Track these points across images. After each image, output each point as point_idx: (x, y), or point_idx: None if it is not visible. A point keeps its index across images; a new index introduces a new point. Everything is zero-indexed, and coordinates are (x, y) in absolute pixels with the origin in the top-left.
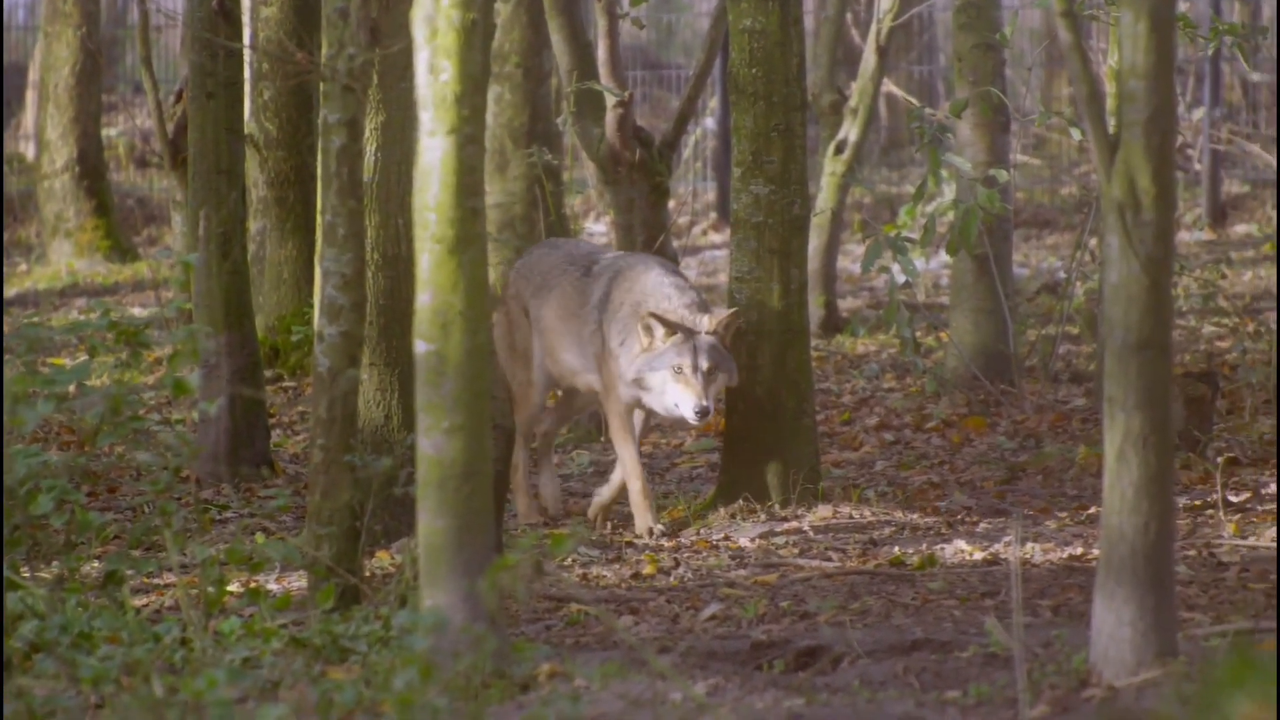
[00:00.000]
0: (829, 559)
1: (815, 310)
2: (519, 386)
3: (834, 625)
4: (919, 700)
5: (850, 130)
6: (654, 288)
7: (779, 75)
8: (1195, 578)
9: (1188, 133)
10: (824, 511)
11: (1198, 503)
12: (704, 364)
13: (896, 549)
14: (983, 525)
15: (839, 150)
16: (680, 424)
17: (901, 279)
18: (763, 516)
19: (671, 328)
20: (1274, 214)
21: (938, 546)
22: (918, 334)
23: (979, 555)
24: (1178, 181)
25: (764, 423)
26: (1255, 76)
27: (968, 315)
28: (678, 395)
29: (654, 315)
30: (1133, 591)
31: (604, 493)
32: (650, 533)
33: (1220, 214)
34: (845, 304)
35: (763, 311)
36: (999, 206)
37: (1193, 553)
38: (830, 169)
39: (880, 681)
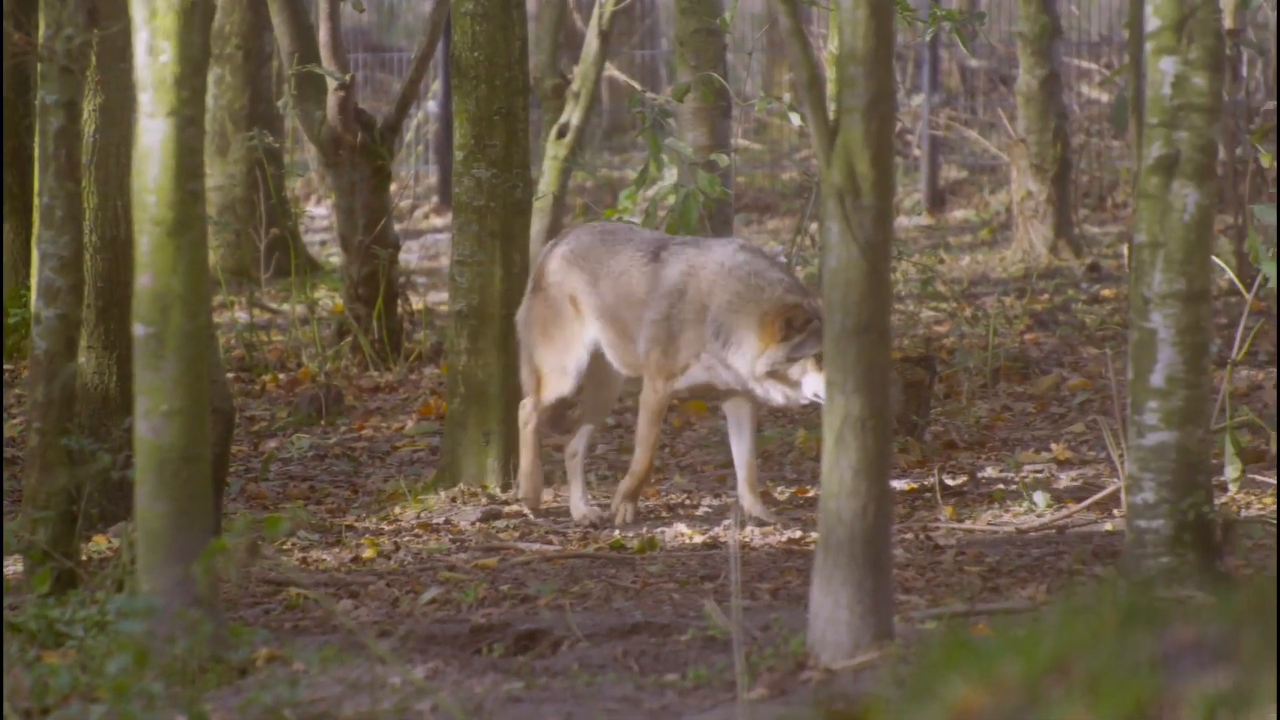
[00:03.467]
0: (550, 542)
1: None
2: (549, 371)
3: (554, 609)
4: (638, 683)
5: (572, 114)
6: (749, 276)
7: (501, 59)
8: (912, 561)
9: (907, 118)
10: (545, 495)
11: (915, 486)
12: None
13: (617, 533)
14: (703, 509)
15: (561, 134)
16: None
17: None
18: (484, 500)
19: (805, 320)
20: (990, 199)
21: (658, 530)
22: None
23: (699, 539)
24: (897, 167)
25: (485, 406)
26: (973, 63)
27: None
28: (818, 384)
29: (796, 308)
30: (850, 574)
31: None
32: (606, 522)
33: (939, 199)
34: None
35: (484, 295)
36: (719, 191)
37: (910, 536)
38: (552, 153)
39: (600, 665)
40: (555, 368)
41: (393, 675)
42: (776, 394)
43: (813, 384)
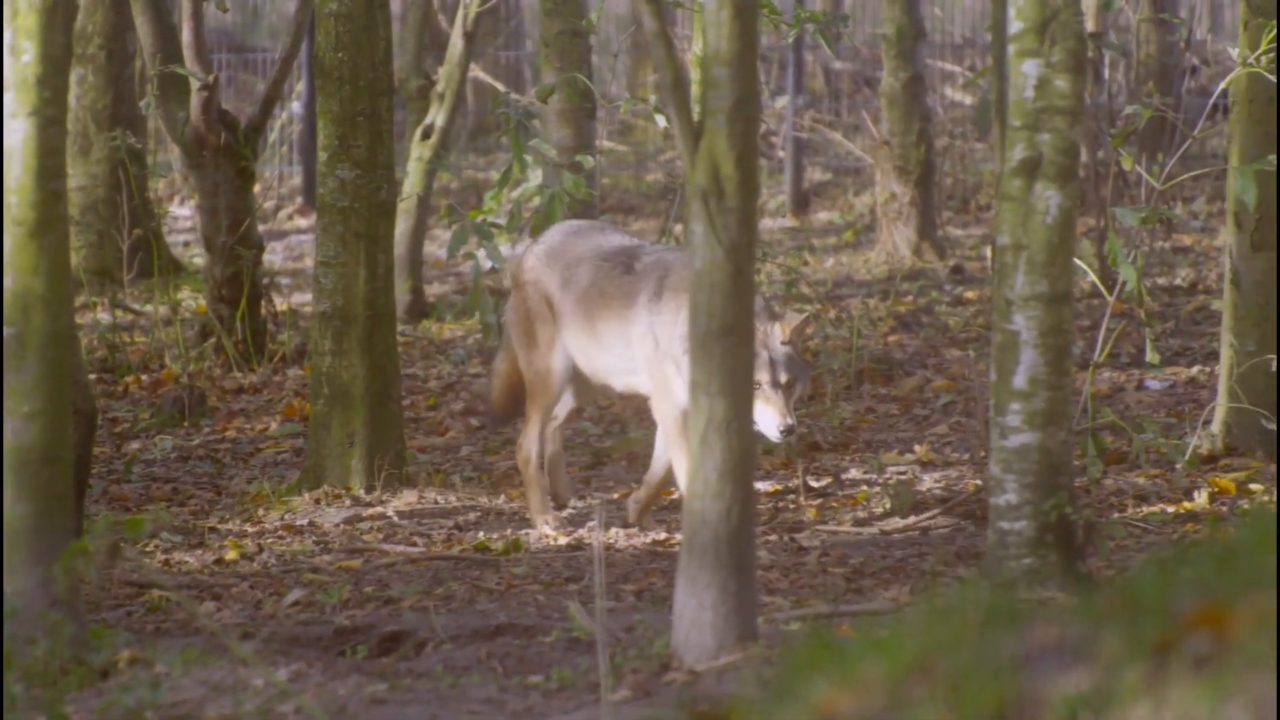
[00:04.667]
0: (414, 544)
1: (402, 295)
2: (535, 375)
3: (418, 610)
4: (502, 685)
5: (437, 115)
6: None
7: (365, 59)
8: (776, 562)
9: (771, 120)
10: (409, 497)
11: (779, 488)
12: (783, 377)
13: (481, 534)
14: (567, 510)
15: (426, 135)
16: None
17: (487, 265)
18: (348, 502)
19: None
20: (854, 201)
21: (523, 532)
22: (502, 319)
23: (564, 540)
24: (761, 169)
25: (349, 408)
26: (838, 65)
27: None
28: (757, 413)
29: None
30: (714, 576)
31: (641, 494)
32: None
33: (803, 201)
34: (432, 289)
35: (349, 296)
36: (584, 192)
37: (774, 537)
38: (417, 154)
39: (464, 666)
40: (541, 370)
41: (256, 677)
42: None
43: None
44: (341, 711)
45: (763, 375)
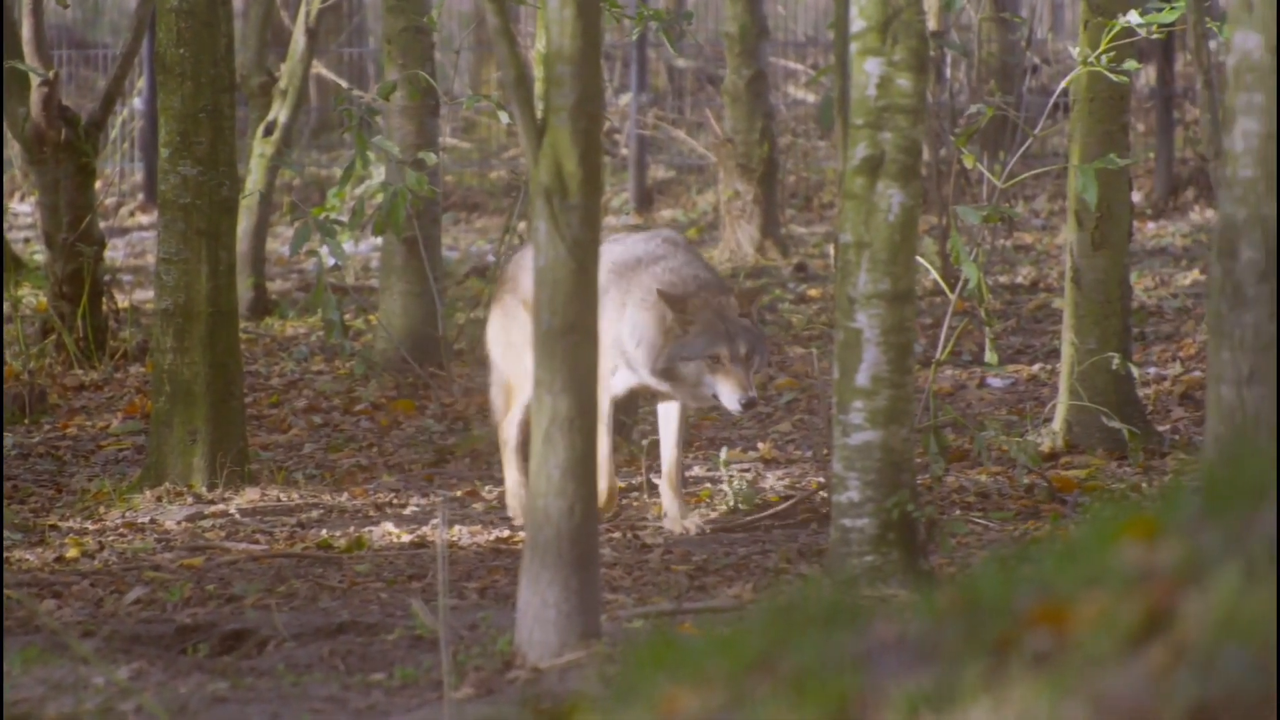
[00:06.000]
0: (256, 542)
1: (244, 292)
2: (517, 379)
3: (260, 608)
4: (344, 683)
5: (280, 112)
6: (662, 272)
7: (207, 56)
8: (620, 559)
9: (615, 118)
10: (252, 494)
11: (623, 485)
12: (742, 349)
13: (324, 532)
14: (411, 508)
15: (268, 132)
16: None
17: (330, 262)
18: (190, 499)
19: (680, 304)
20: (698, 199)
21: (366, 529)
22: (346, 316)
23: (407, 538)
24: (605, 166)
25: (191, 405)
26: (681, 62)
27: (397, 298)
28: (717, 386)
29: (664, 293)
30: (558, 574)
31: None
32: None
33: (647, 199)
34: (275, 286)
35: (191, 293)
36: (427, 189)
37: (617, 535)
38: (259, 151)
39: (306, 664)
40: (521, 374)
41: (96, 676)
42: (684, 395)
43: (711, 386)
44: (183, 710)
45: (722, 349)
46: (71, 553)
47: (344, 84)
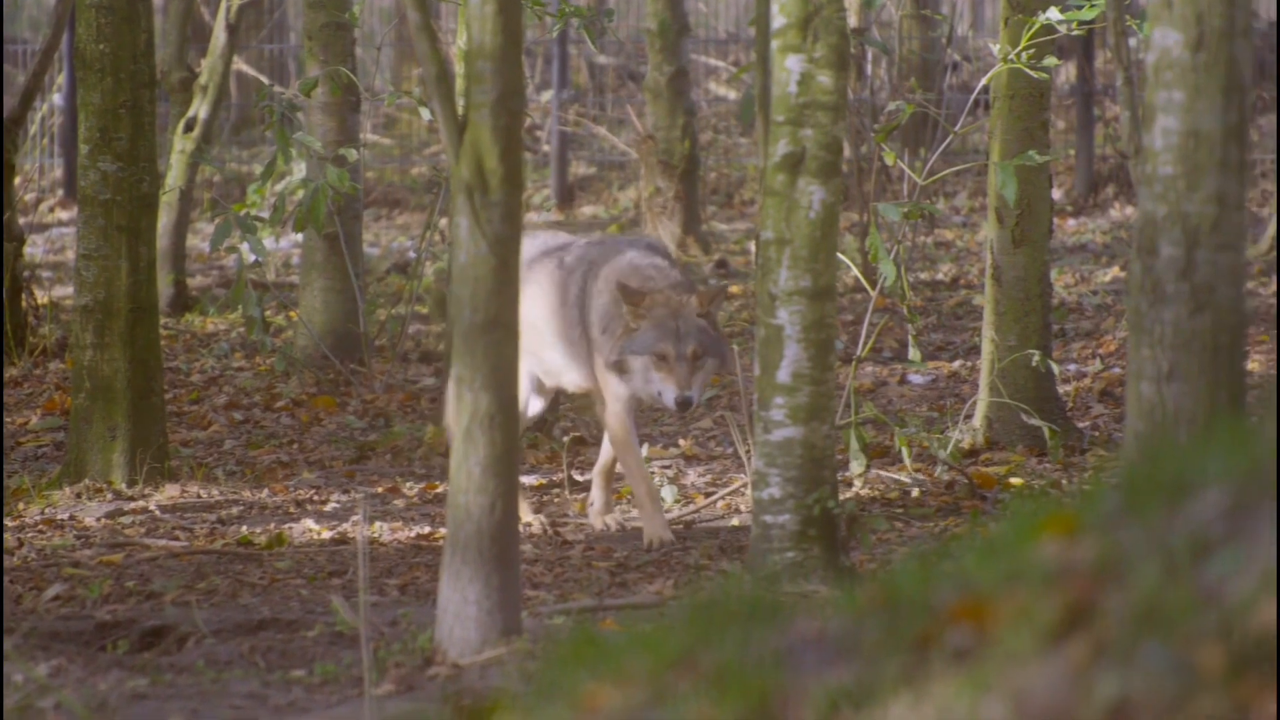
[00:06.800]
0: (176, 538)
1: (165, 288)
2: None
3: (180, 605)
4: (264, 680)
5: (200, 108)
6: (629, 270)
7: (127, 52)
8: (541, 556)
9: (536, 114)
10: (172, 491)
11: (544, 482)
12: (687, 349)
13: (245, 528)
14: (331, 504)
15: (189, 128)
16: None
17: (251, 258)
18: (109, 496)
19: (636, 298)
20: (619, 195)
21: (286, 526)
22: (267, 313)
23: (328, 534)
24: (526, 163)
25: (111, 401)
26: (602, 59)
27: (318, 294)
28: (660, 383)
29: (622, 286)
30: (478, 570)
31: (595, 497)
32: (659, 544)
33: (568, 195)
34: (195, 282)
35: (111, 289)
36: (349, 186)
37: (539, 531)
38: (180, 147)
39: (226, 661)
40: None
41: (15, 673)
42: (634, 388)
43: (655, 383)
44: (102, 707)
45: (668, 346)
46: None
47: (265, 80)
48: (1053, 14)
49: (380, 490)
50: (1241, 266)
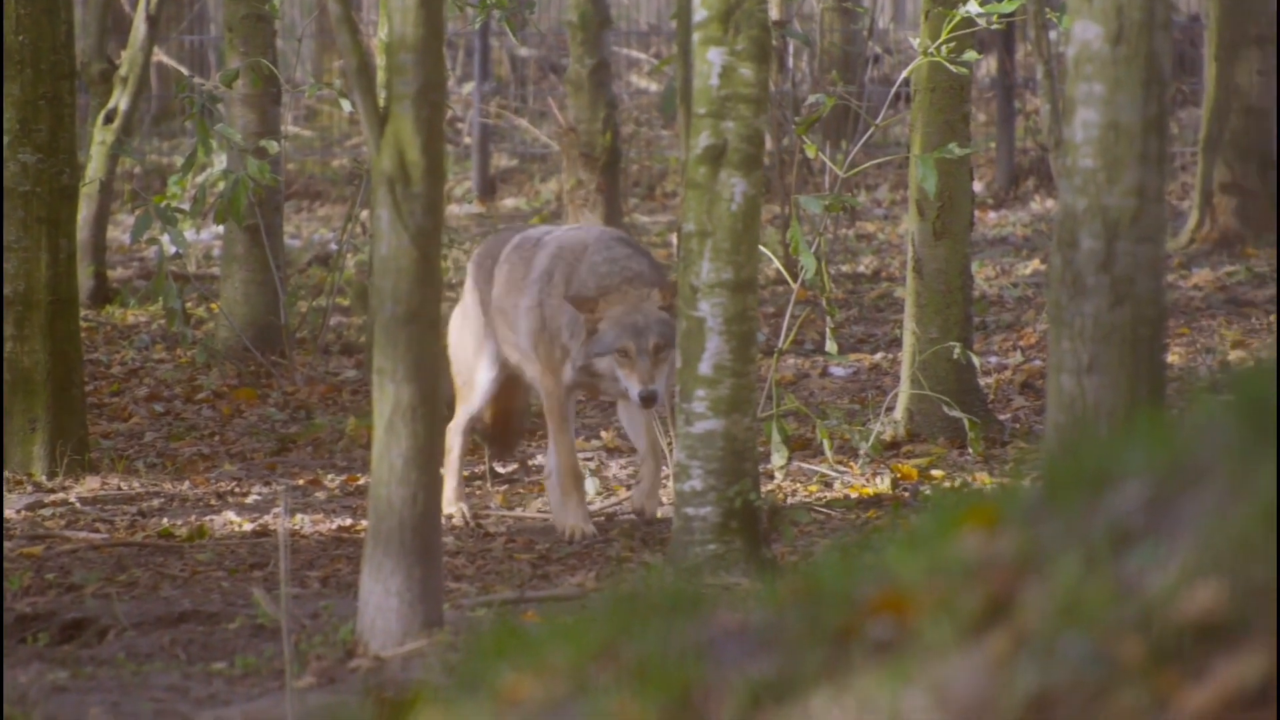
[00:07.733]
0: (97, 531)
1: (85, 280)
2: (463, 378)
3: (100, 597)
4: (185, 672)
5: (120, 99)
6: (591, 264)
7: (47, 43)
8: (463, 548)
9: (458, 106)
10: (92, 483)
11: (466, 474)
12: (648, 343)
13: (165, 521)
14: (253, 496)
15: (109, 119)
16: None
17: (172, 250)
18: (29, 488)
19: (589, 305)
20: (541, 188)
21: (207, 518)
22: (188, 305)
23: (249, 526)
24: (448, 155)
25: (31, 393)
26: (524, 51)
27: (239, 286)
28: (625, 380)
29: (573, 299)
30: (400, 562)
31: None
32: (580, 536)
33: (490, 187)
34: (116, 274)
35: (30, 281)
36: (269, 178)
37: (460, 523)
38: (100, 138)
39: (147, 654)
40: (474, 368)
41: None
42: (607, 390)
43: (623, 380)
44: (22, 699)
45: (629, 342)
46: None
47: (185, 71)
48: (973, 7)
49: (302, 482)
50: (1161, 259)
